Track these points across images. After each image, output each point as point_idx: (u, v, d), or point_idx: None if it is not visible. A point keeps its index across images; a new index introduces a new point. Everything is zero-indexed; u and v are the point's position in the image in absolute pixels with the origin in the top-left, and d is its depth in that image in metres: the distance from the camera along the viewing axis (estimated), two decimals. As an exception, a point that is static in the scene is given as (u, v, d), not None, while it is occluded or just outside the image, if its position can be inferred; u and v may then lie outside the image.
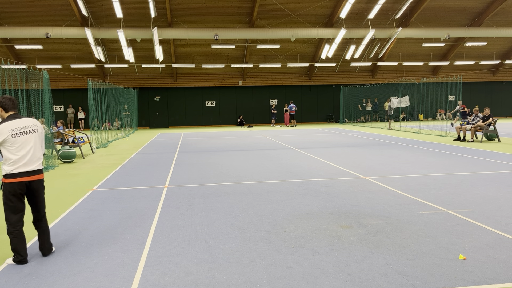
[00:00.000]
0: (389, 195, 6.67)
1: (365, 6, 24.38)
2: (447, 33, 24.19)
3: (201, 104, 30.24)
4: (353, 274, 3.72)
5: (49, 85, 11.01)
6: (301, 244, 4.50)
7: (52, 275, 3.83)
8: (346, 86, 30.44)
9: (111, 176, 9.23)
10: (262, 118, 30.96)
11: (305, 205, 6.19)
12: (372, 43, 27.45)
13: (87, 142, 14.01)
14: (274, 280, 3.61)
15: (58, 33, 21.33)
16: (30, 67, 19.22)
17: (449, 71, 31.46)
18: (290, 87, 30.94)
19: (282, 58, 28.65)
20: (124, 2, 22.22)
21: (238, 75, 30.07)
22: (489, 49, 30.11)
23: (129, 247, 4.54)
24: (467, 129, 15.50)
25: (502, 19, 26.75)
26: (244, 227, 5.15)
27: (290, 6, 23.99)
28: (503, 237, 4.60)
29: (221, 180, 8.33)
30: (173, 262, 4.08)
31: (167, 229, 5.16)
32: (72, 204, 6.63)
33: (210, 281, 3.62)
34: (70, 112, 28.14)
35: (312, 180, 8.16)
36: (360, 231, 4.91)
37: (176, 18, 24.18)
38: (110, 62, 27.09)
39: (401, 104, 22.65)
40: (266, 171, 9.28)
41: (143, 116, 29.55)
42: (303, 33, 23.42)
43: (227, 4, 23.47)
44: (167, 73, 29.30)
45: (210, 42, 26.16)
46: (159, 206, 6.34)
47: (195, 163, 10.94)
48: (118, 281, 3.68)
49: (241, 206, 6.23)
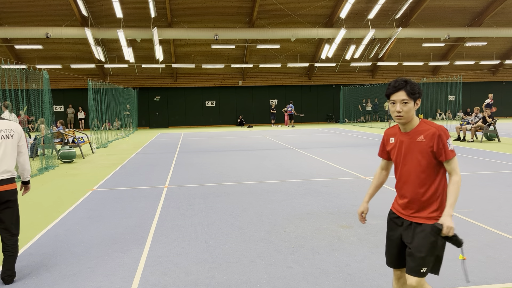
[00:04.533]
0: (389, 195, 6.67)
1: (365, 6, 24.38)
2: (447, 33, 24.19)
3: (201, 104, 30.24)
4: (353, 274, 3.72)
5: (49, 85, 11.01)
6: (301, 244, 4.50)
7: (52, 275, 3.83)
8: (346, 86, 30.44)
9: (111, 176, 9.22)
10: (262, 118, 30.95)
11: (305, 205, 6.19)
12: (372, 43, 27.44)
13: (87, 142, 14.01)
14: (274, 280, 3.61)
15: (58, 33, 21.32)
16: (30, 67, 19.22)
17: (449, 71, 31.46)
18: (290, 87, 30.93)
19: (282, 58, 28.65)
20: (124, 2, 22.22)
21: (238, 75, 30.07)
22: (489, 49, 30.11)
23: (129, 247, 4.54)
24: (467, 129, 15.50)
25: (502, 19, 26.74)
26: (244, 227, 5.15)
27: (290, 6, 23.98)
28: (503, 237, 4.60)
29: (221, 180, 8.33)
30: (173, 262, 4.08)
31: (167, 229, 5.16)
32: (72, 204, 6.63)
33: (210, 281, 3.62)
34: (70, 112, 28.14)
35: (312, 180, 8.15)
36: (360, 231, 4.91)
37: (176, 18, 24.18)
38: (110, 62, 27.08)
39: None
40: (266, 171, 9.28)
41: (143, 116, 29.54)
42: (303, 33, 23.41)
43: (227, 4, 23.47)
44: (167, 73, 29.29)
45: (210, 42, 26.16)
46: (159, 206, 6.34)
47: (195, 163, 10.94)
48: (118, 281, 3.67)
49: (241, 206, 6.23)
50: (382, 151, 2.82)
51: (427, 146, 2.44)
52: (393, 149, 2.62)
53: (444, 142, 2.42)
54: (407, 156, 2.52)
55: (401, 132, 2.58)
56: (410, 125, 2.52)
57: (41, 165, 10.63)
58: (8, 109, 11.21)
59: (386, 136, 2.72)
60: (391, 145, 2.64)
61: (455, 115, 31.77)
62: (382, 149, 2.81)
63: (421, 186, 2.48)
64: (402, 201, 2.58)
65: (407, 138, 2.53)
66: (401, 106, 2.45)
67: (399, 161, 2.58)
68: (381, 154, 2.83)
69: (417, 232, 2.47)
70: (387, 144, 2.70)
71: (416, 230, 2.48)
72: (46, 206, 6.55)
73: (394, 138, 2.62)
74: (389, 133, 2.70)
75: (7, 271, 3.65)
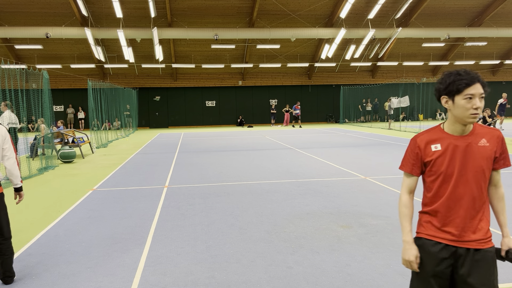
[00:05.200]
0: (389, 195, 6.67)
1: (365, 6, 24.38)
2: (447, 33, 24.19)
3: (201, 104, 30.24)
4: (353, 274, 3.72)
5: (49, 85, 11.01)
6: (301, 244, 4.50)
7: (52, 275, 3.83)
8: (346, 86, 30.43)
9: (111, 176, 9.22)
10: (262, 118, 30.95)
11: (305, 205, 6.19)
12: (372, 43, 27.44)
13: (87, 142, 14.01)
14: (274, 280, 3.61)
15: (58, 33, 21.32)
16: (30, 67, 19.23)
17: (449, 71, 31.42)
18: (290, 87, 30.93)
19: (282, 58, 28.65)
20: (124, 2, 22.22)
21: (238, 75, 30.07)
22: (489, 49, 30.11)
23: (129, 247, 4.54)
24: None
25: (502, 19, 26.75)
26: (244, 227, 5.15)
27: (290, 6, 23.98)
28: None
29: (221, 180, 8.33)
30: (173, 262, 4.08)
31: (167, 229, 5.16)
32: (72, 204, 6.63)
33: (210, 281, 3.62)
34: (70, 112, 28.14)
35: (312, 180, 8.15)
36: (360, 231, 4.91)
37: (176, 18, 24.18)
38: (110, 62, 27.08)
39: (401, 104, 22.65)
40: (266, 171, 9.28)
41: (143, 116, 29.54)
42: (303, 33, 23.41)
43: (227, 4, 23.47)
44: (167, 73, 29.29)
45: (210, 42, 26.16)
46: (159, 206, 6.34)
47: (195, 163, 10.93)
48: (118, 281, 3.67)
49: (241, 206, 6.23)
50: (414, 165, 2.15)
51: (491, 151, 2.05)
52: (441, 157, 2.07)
53: (506, 147, 2.09)
54: (468, 164, 2.04)
55: (453, 136, 2.08)
56: (469, 126, 2.07)
57: (41, 165, 10.63)
58: (8, 108, 11.22)
59: (424, 143, 2.13)
60: (437, 153, 2.08)
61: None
62: (414, 162, 2.15)
63: (480, 200, 2.05)
64: (453, 223, 2.06)
65: (464, 142, 2.05)
66: (480, 101, 1.98)
67: (451, 172, 2.05)
68: (412, 169, 2.16)
69: (477, 260, 2.01)
70: (427, 154, 2.11)
71: (474, 257, 2.01)
72: (46, 206, 6.55)
73: (441, 143, 2.08)
74: (429, 139, 2.12)
75: (6, 272, 3.64)
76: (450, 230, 2.05)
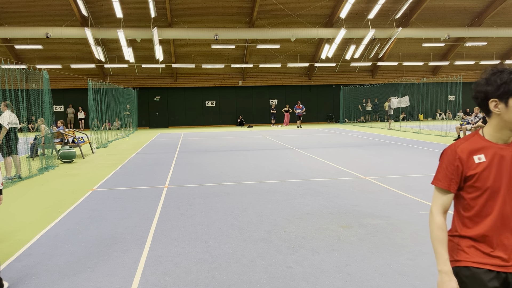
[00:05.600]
0: (389, 195, 6.67)
1: (365, 6, 24.38)
2: (447, 33, 24.19)
3: (201, 104, 30.24)
4: (353, 274, 3.72)
5: (49, 85, 11.01)
6: (301, 244, 4.50)
7: (52, 275, 3.83)
8: (346, 86, 30.43)
9: (111, 176, 9.22)
10: (262, 118, 30.95)
11: (305, 205, 6.19)
12: (372, 43, 27.44)
13: (87, 142, 14.01)
14: (274, 280, 3.61)
15: (58, 33, 21.32)
16: (30, 67, 19.22)
17: (449, 71, 31.46)
18: (290, 87, 30.93)
19: (282, 58, 28.65)
20: (124, 2, 22.22)
21: (238, 75, 30.07)
22: (489, 49, 30.11)
23: (129, 247, 4.54)
24: (467, 129, 15.50)
25: (502, 19, 26.74)
26: (244, 227, 5.15)
27: (290, 6, 23.98)
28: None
29: (221, 180, 8.33)
30: (173, 262, 4.08)
31: (167, 229, 5.16)
32: (72, 204, 6.63)
33: (210, 281, 3.62)
34: (70, 112, 28.14)
35: (312, 180, 8.15)
36: (360, 231, 4.91)
37: (176, 18, 24.18)
38: (110, 62, 27.08)
39: (401, 104, 22.65)
40: (266, 171, 9.28)
41: (143, 116, 29.54)
42: (303, 33, 23.41)
43: (227, 4, 23.47)
44: (167, 73, 29.29)
45: (210, 42, 26.16)
46: (159, 206, 6.34)
47: (195, 163, 10.94)
48: (118, 281, 3.67)
49: (241, 206, 6.23)
50: (453, 180, 1.81)
51: None
52: (487, 170, 1.77)
53: None
54: None
55: (497, 145, 1.79)
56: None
57: (41, 165, 10.63)
58: (8, 108, 11.21)
59: (466, 154, 1.80)
60: (481, 165, 1.77)
61: (455, 115, 31.76)
62: (453, 176, 1.81)
63: None
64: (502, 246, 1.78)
65: (511, 151, 1.79)
66: None
67: (498, 187, 1.77)
68: (449, 185, 1.82)
69: None
70: (470, 166, 1.79)
71: None
72: (46, 206, 6.55)
73: (485, 154, 1.78)
74: (471, 149, 1.80)
75: None
76: (499, 255, 1.77)
